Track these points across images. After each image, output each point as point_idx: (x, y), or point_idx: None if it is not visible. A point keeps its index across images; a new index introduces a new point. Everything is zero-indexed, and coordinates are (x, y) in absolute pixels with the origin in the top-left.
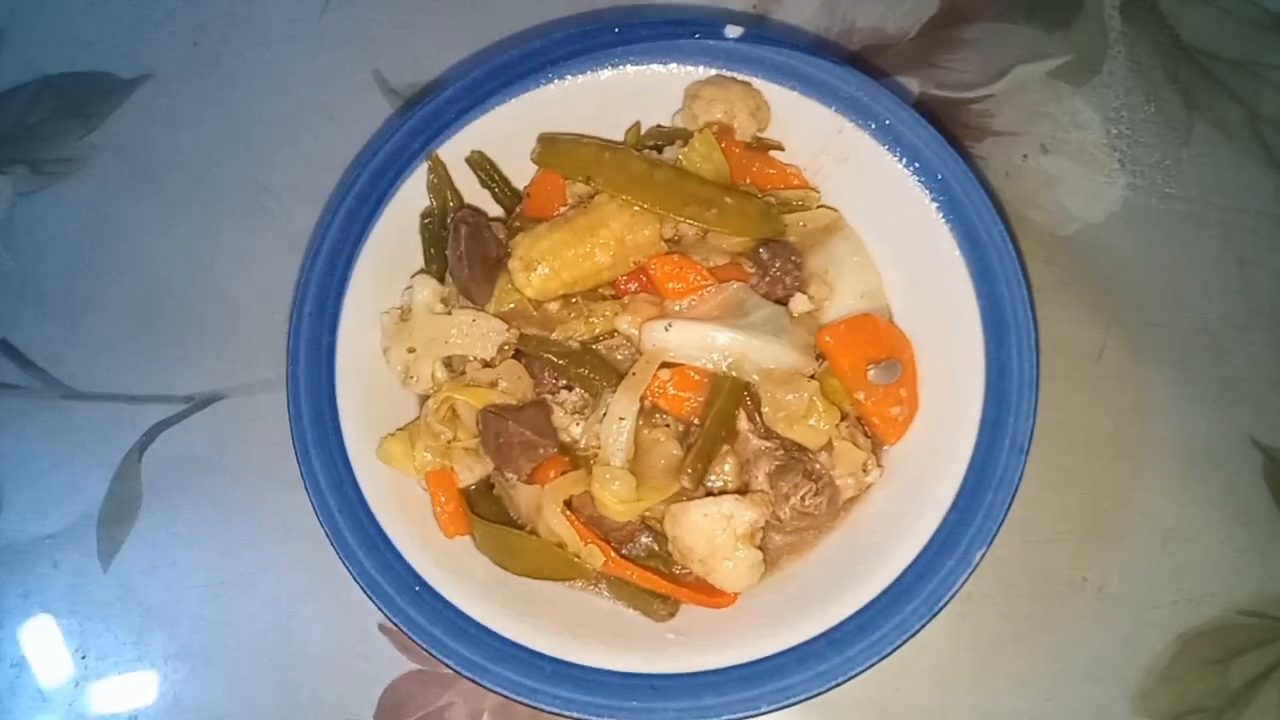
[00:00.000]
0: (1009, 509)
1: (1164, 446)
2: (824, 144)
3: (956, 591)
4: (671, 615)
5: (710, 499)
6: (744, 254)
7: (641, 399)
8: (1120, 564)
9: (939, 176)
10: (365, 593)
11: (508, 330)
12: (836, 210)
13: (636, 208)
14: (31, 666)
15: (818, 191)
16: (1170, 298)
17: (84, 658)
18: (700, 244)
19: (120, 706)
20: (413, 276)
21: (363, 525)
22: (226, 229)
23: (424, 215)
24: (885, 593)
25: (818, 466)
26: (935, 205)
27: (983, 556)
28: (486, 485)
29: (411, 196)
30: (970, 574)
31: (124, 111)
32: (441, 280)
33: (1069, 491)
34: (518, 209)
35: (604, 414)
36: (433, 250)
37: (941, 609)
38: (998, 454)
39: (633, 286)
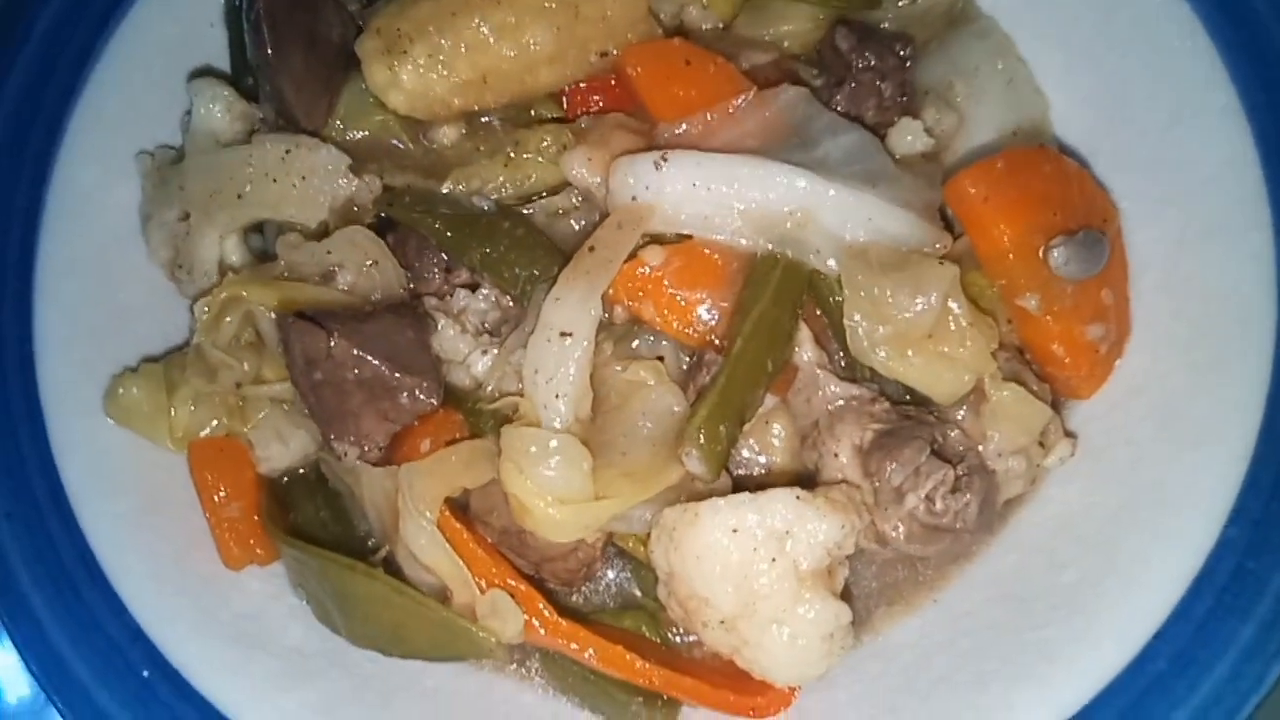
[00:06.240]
0: None
1: None
2: None
3: (1268, 694)
4: None
5: (743, 497)
6: (802, 54)
7: (606, 300)
8: None
9: None
10: (33, 675)
11: (353, 175)
12: None
13: None
14: None
15: None
16: None
17: None
18: (725, 37)
19: None
20: (190, 80)
21: (52, 542)
22: None
23: None
24: (1110, 693)
25: (955, 436)
26: None
27: None
28: (315, 474)
29: None
30: None
31: None
32: (255, 99)
33: None
34: None
35: (531, 331)
36: (246, 54)
37: None
38: None
39: (595, 101)
